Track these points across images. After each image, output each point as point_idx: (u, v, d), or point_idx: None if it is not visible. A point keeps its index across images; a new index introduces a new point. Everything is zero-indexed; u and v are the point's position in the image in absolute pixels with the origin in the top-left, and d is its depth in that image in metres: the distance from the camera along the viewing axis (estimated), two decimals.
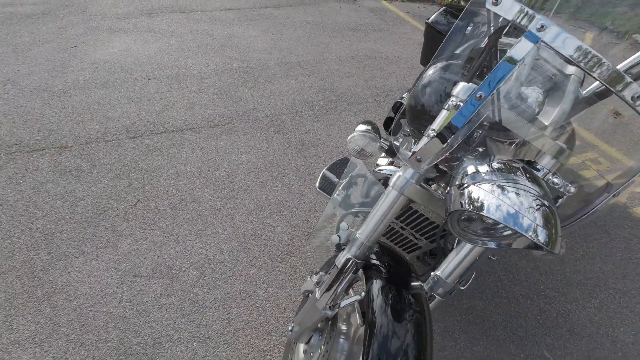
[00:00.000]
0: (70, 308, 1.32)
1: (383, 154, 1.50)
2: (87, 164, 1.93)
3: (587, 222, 0.75)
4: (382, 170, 1.16)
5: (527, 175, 0.64)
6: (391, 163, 1.29)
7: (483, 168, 0.66)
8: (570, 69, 0.81)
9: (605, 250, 1.67)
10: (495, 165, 0.66)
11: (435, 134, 0.63)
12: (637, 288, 1.53)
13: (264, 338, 1.27)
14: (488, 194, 0.60)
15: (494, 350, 1.29)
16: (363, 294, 0.81)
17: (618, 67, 0.75)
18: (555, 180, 0.70)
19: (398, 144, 0.79)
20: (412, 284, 0.86)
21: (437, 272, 0.86)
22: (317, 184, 1.40)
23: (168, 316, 1.31)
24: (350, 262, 0.81)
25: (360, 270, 0.87)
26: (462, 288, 1.26)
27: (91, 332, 1.25)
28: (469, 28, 0.96)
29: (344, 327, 0.97)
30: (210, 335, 1.27)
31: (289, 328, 0.94)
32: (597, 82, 0.71)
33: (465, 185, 0.63)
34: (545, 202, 0.60)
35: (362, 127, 0.75)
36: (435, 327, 1.32)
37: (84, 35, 3.27)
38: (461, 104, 0.61)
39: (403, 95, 1.31)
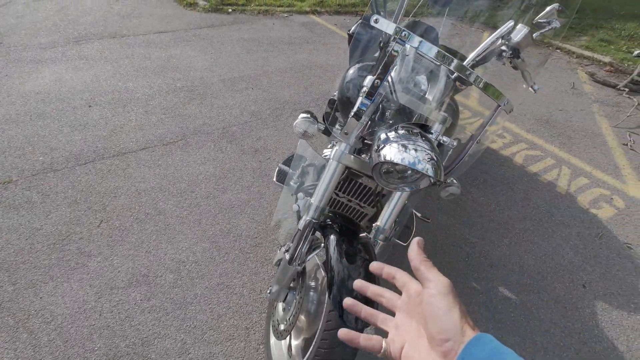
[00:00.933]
0: (50, 329, 1.34)
1: (329, 145, 1.75)
2: (38, 195, 1.91)
3: (467, 165, 1.05)
4: (326, 156, 1.41)
5: (422, 137, 0.93)
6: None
7: (392, 134, 0.92)
8: None
9: (510, 201, 2.10)
10: (400, 132, 0.94)
11: (353, 114, 0.89)
12: (535, 225, 1.97)
13: (246, 318, 1.43)
14: (396, 150, 0.87)
15: None
16: (322, 245, 1.03)
17: (470, 56, 1.09)
18: (444, 138, 1.00)
19: (331, 125, 1.03)
20: (360, 235, 1.10)
21: (377, 223, 1.12)
22: (274, 178, 1.60)
23: (152, 317, 1.41)
24: (310, 224, 1.03)
25: (318, 232, 1.09)
26: (405, 244, 1.56)
27: (76, 346, 1.30)
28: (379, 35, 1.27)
29: (312, 283, 1.19)
30: (195, 325, 1.39)
31: (268, 291, 1.13)
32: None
33: (381, 147, 0.89)
34: (433, 154, 0.89)
35: (303, 115, 0.99)
36: (388, 282, 1.59)
37: (5, 68, 3.11)
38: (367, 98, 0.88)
39: (334, 94, 1.59)
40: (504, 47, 1.03)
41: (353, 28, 1.99)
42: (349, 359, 0.89)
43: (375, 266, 0.47)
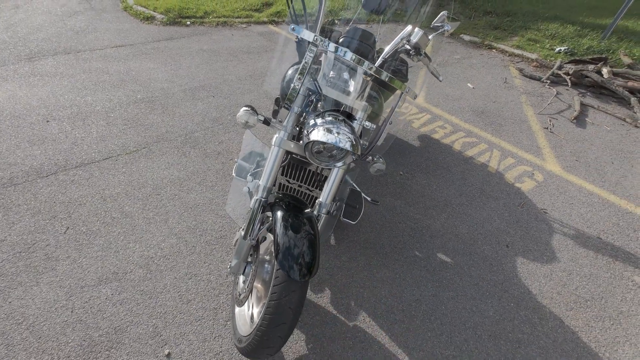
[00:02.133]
0: (22, 329, 1.41)
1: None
2: (0, 209, 1.93)
3: (388, 143, 1.28)
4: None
5: (345, 123, 1.13)
6: None
7: (319, 120, 1.13)
8: None
9: (449, 182, 2.39)
10: (328, 118, 1.14)
11: (284, 105, 1.08)
12: (469, 200, 2.26)
13: (214, 299, 1.57)
14: (322, 132, 1.07)
15: (384, 261, 1.81)
16: (270, 219, 1.20)
17: (380, 57, 1.32)
18: (366, 123, 1.22)
19: (270, 117, 1.22)
20: (305, 211, 1.28)
21: (320, 199, 1.31)
22: (234, 173, 1.76)
23: (124, 308, 1.51)
24: (259, 202, 1.21)
25: (269, 210, 1.26)
26: (354, 223, 1.77)
27: (50, 340, 1.38)
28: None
29: (267, 257, 1.35)
30: (166, 311, 1.51)
31: (228, 266, 1.28)
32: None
33: (310, 130, 1.09)
34: (352, 136, 1.09)
35: (244, 108, 1.16)
36: (343, 256, 1.79)
37: None
38: (294, 89, 1.08)
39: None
40: (407, 47, 1.27)
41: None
42: (295, 307, 1.06)
43: None
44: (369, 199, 2.09)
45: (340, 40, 1.57)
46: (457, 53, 4.78)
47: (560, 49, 4.61)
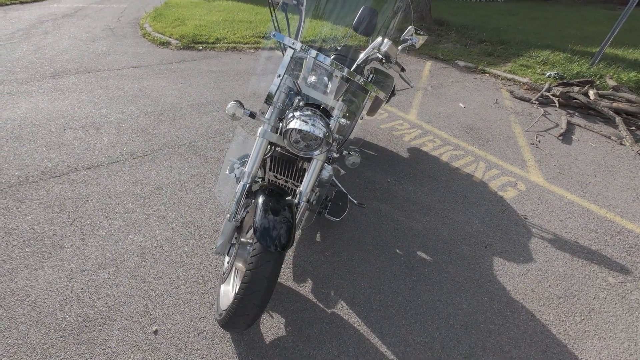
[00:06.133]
0: (25, 305, 1.53)
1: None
2: (14, 202, 2.11)
3: (356, 143, 1.43)
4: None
5: (321, 117, 1.30)
6: None
7: (297, 113, 1.29)
8: None
9: (434, 189, 2.51)
10: (306, 112, 1.30)
11: (265, 100, 1.26)
12: (452, 205, 2.36)
13: (203, 285, 1.67)
14: (299, 122, 1.23)
15: (366, 256, 1.90)
16: (252, 202, 1.34)
17: (355, 63, 1.50)
18: (342, 120, 1.38)
19: (255, 111, 1.40)
20: (286, 198, 1.42)
21: (300, 189, 1.45)
22: (227, 171, 1.92)
23: (118, 290, 1.62)
24: (244, 186, 1.35)
25: (254, 194, 1.40)
26: (337, 220, 1.89)
27: (49, 315, 1.49)
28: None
29: (250, 240, 1.47)
30: (157, 293, 1.62)
31: (215, 246, 1.40)
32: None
33: (289, 121, 1.25)
34: (325, 127, 1.25)
35: (232, 102, 1.34)
36: (327, 252, 1.89)
37: None
38: (274, 87, 1.26)
39: None
40: (379, 55, 1.46)
41: None
42: (270, 277, 1.17)
43: None
44: (355, 201, 2.22)
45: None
46: (451, 77, 5.03)
47: (551, 74, 4.82)
